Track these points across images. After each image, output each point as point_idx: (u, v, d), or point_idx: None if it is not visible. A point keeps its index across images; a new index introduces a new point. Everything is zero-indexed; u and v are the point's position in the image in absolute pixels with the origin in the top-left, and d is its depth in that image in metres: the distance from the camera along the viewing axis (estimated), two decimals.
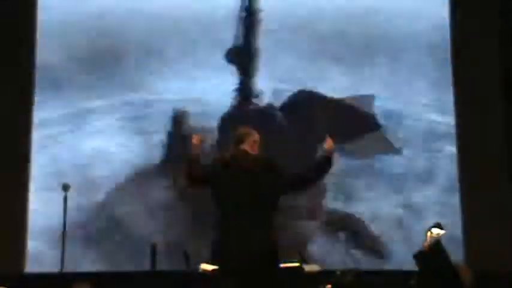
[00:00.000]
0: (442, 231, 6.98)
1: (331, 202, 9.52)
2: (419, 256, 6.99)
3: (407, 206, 9.52)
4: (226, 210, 5.54)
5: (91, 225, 9.29)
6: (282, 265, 5.77)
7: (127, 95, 9.74)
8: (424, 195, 9.55)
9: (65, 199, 7.53)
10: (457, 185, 9.47)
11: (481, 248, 8.86)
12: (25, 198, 9.41)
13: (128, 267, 9.06)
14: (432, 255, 6.92)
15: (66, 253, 7.97)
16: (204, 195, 5.78)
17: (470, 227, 9.19)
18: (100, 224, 9.38)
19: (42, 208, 9.27)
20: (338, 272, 7.14)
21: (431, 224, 6.94)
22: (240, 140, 5.70)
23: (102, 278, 8.27)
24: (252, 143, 5.70)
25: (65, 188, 7.62)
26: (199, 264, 7.04)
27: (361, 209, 9.51)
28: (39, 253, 9.21)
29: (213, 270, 6.78)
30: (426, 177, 9.61)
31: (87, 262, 9.04)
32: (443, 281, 6.82)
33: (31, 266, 9.21)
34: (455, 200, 9.45)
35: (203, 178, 5.66)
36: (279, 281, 5.60)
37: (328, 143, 5.67)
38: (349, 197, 9.52)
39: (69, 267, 8.41)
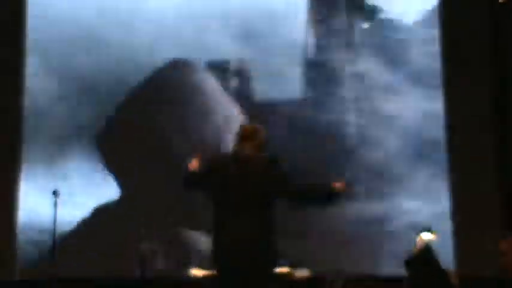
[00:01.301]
0: (432, 236, 6.94)
1: None
2: (409, 261, 6.96)
3: None
4: (225, 210, 5.34)
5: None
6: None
7: None
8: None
9: (55, 205, 7.39)
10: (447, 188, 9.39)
11: (471, 252, 8.78)
12: (15, 205, 9.29)
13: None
14: (422, 260, 6.90)
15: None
16: None
17: (460, 231, 9.11)
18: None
19: (33, 214, 9.21)
20: (328, 278, 7.06)
21: (421, 229, 6.93)
22: (245, 138, 5.44)
23: (94, 284, 8.16)
24: (258, 141, 5.44)
25: (55, 193, 7.49)
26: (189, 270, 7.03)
27: None
28: (31, 260, 9.17)
29: (204, 275, 6.76)
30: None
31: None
32: (434, 286, 6.79)
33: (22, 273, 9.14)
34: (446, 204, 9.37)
35: (200, 180, 5.46)
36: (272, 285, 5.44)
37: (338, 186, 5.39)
38: None
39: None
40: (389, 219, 9.24)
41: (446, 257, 8.13)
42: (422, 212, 9.18)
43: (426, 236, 6.93)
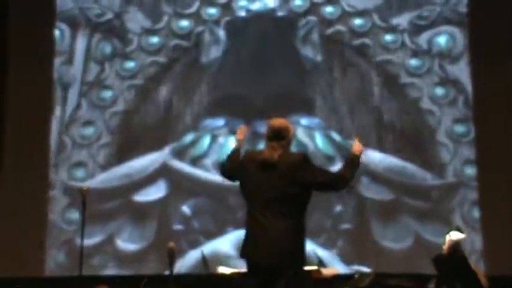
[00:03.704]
0: (461, 235, 6.60)
1: None
2: (438, 260, 6.62)
3: None
4: (253, 208, 5.03)
5: None
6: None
7: None
8: None
9: (83, 203, 7.00)
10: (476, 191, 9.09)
11: (499, 252, 8.43)
12: (45, 202, 9.08)
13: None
14: (451, 259, 6.56)
15: None
16: None
17: (488, 232, 8.77)
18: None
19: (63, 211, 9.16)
20: (356, 275, 6.70)
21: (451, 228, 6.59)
22: (276, 136, 5.07)
23: (120, 281, 7.92)
24: (289, 140, 5.10)
25: (83, 191, 7.08)
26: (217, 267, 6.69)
27: None
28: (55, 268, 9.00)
29: (232, 273, 6.42)
30: None
31: None
32: (462, 285, 6.45)
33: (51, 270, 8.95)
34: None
35: (234, 173, 5.22)
36: (298, 283, 5.01)
37: (356, 146, 5.15)
38: None
39: None
40: None
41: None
42: None
43: (456, 235, 6.59)
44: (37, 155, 9.20)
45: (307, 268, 6.07)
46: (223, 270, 6.59)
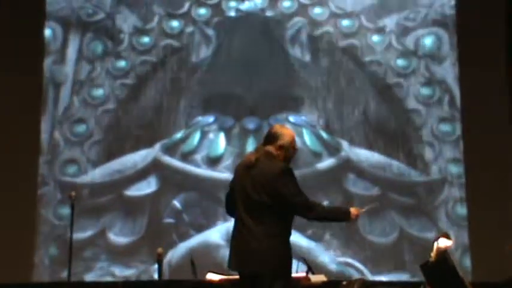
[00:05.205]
0: (449, 242, 6.27)
1: None
2: (426, 267, 6.30)
3: None
4: (236, 212, 4.86)
5: None
6: None
7: None
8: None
9: (72, 207, 6.73)
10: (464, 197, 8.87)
11: (488, 259, 8.17)
12: (33, 205, 8.83)
13: None
14: (439, 266, 6.24)
15: None
16: None
17: (476, 238, 8.52)
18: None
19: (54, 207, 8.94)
20: (344, 282, 6.41)
21: (438, 235, 6.26)
22: (268, 140, 4.88)
23: (109, 287, 7.69)
24: (279, 146, 4.84)
25: (71, 197, 6.81)
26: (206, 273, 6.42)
27: None
28: (47, 261, 8.77)
29: (220, 280, 6.15)
30: None
31: None
32: None
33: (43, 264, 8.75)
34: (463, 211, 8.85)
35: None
36: None
37: (354, 213, 5.05)
38: None
39: None
40: None
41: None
42: None
43: (443, 243, 6.26)
44: (29, 152, 8.95)
45: (295, 275, 5.84)
46: (211, 277, 6.31)
